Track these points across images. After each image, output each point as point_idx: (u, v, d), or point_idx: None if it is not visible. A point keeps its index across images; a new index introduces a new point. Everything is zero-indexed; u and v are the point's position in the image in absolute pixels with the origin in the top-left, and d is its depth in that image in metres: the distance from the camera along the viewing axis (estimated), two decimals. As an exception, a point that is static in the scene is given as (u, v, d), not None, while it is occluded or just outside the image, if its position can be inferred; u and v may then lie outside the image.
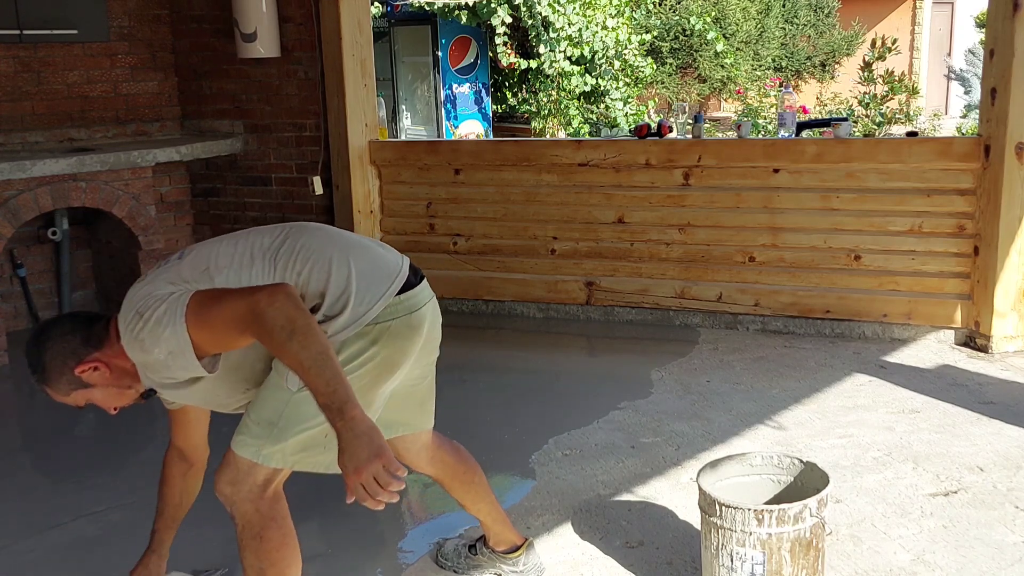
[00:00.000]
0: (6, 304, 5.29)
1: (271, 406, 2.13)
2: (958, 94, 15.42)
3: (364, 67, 5.44)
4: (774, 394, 4.06)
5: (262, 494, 2.16)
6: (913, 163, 4.56)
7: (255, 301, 1.89)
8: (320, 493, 3.34)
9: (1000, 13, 4.27)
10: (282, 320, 1.85)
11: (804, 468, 2.58)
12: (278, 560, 2.18)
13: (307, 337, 1.85)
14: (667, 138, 5.09)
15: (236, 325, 1.93)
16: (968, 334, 4.55)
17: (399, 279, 2.18)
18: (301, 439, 2.13)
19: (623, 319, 5.17)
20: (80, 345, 2.14)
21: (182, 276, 2.10)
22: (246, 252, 2.15)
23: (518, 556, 2.75)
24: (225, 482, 2.17)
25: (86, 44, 5.57)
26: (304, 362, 1.84)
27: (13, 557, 3.02)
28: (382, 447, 1.83)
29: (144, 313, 2.03)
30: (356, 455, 1.81)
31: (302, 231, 2.21)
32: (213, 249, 2.18)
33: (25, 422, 4.44)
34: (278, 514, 2.20)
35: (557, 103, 10.52)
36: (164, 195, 5.93)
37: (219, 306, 1.96)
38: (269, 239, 2.18)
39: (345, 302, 2.09)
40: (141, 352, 2.07)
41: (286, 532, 2.20)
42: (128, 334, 2.07)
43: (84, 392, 2.20)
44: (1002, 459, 3.37)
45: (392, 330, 2.14)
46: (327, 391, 1.84)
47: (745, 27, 13.28)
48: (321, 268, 2.10)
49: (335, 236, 2.24)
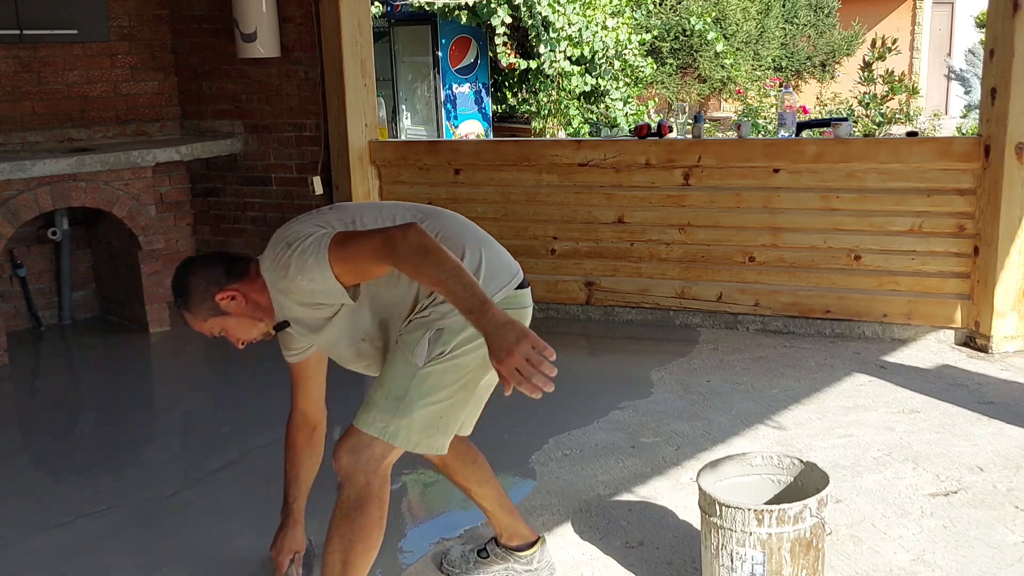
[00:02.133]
0: (6, 304, 5.29)
1: (398, 382, 2.23)
2: (958, 94, 15.41)
3: (364, 67, 5.44)
4: (774, 394, 4.06)
5: (376, 468, 2.24)
6: (913, 163, 4.56)
7: (390, 234, 2.08)
8: (320, 493, 3.34)
9: (1000, 13, 4.27)
10: (415, 246, 2.03)
11: (804, 468, 2.58)
12: (368, 536, 2.25)
13: (439, 255, 2.02)
14: (667, 138, 5.09)
15: (374, 254, 2.11)
16: (968, 334, 4.55)
17: (519, 276, 2.35)
18: (425, 415, 2.23)
19: (623, 319, 5.17)
20: (223, 275, 2.32)
21: (329, 222, 2.26)
22: (388, 217, 2.30)
23: (532, 553, 2.72)
24: (345, 450, 2.25)
25: (86, 44, 5.58)
26: (440, 276, 2.00)
27: (13, 557, 3.02)
28: (525, 330, 1.93)
29: (293, 244, 2.20)
30: (505, 340, 1.91)
31: (439, 215, 2.38)
32: (358, 209, 2.38)
33: (25, 422, 4.44)
34: (384, 495, 2.28)
35: (557, 103, 10.51)
36: (164, 195, 5.93)
37: (357, 241, 2.14)
38: (409, 214, 2.34)
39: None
40: (285, 278, 2.22)
41: (383, 515, 2.27)
42: (275, 262, 2.23)
43: (220, 320, 2.34)
44: (1002, 459, 3.37)
45: None
46: (466, 295, 1.98)
47: (745, 27, 13.27)
48: (455, 251, 2.19)
49: (469, 226, 2.39)
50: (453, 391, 2.26)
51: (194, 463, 3.76)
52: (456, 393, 2.27)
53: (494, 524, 2.75)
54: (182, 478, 3.63)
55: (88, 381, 4.95)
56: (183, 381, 4.93)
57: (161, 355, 5.17)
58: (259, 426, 3.99)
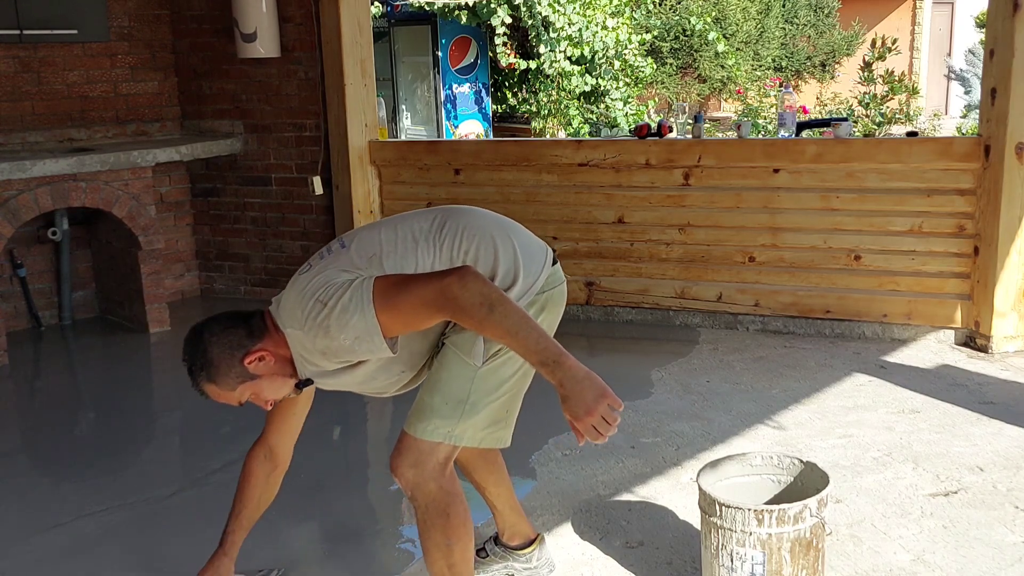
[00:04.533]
0: (6, 304, 5.29)
1: (457, 385, 2.18)
2: (958, 94, 15.41)
3: (364, 67, 5.44)
4: (774, 394, 4.06)
5: (443, 472, 2.21)
6: (913, 163, 4.56)
7: (446, 285, 1.96)
8: (321, 493, 3.34)
9: (1000, 13, 4.27)
10: (478, 298, 1.94)
11: (804, 468, 2.57)
12: (463, 535, 2.24)
13: (506, 307, 1.95)
14: (667, 138, 5.09)
15: (428, 308, 2.00)
16: (968, 334, 4.55)
17: (549, 251, 2.33)
18: (489, 412, 2.22)
19: (623, 319, 5.17)
20: (245, 337, 2.19)
21: (354, 264, 2.14)
22: (407, 236, 2.20)
23: (531, 551, 2.72)
24: (407, 466, 2.19)
25: (86, 44, 5.58)
26: (511, 329, 1.94)
27: (13, 557, 3.02)
28: (603, 387, 1.95)
29: (328, 302, 2.06)
30: (584, 399, 1.93)
31: (459, 213, 2.28)
32: (374, 236, 2.22)
33: (25, 422, 4.44)
34: (458, 491, 2.25)
35: (557, 103, 10.51)
36: (164, 195, 5.93)
37: (407, 291, 2.02)
38: (427, 223, 2.23)
39: (516, 274, 2.18)
40: (325, 338, 2.09)
41: (466, 508, 2.26)
42: (308, 321, 2.09)
43: (250, 385, 2.22)
44: (1002, 459, 3.37)
45: (554, 298, 2.28)
46: (539, 348, 1.94)
47: (745, 27, 13.27)
48: (487, 245, 2.18)
49: (489, 215, 2.32)
50: (513, 383, 2.25)
51: (194, 463, 3.76)
52: (516, 384, 2.26)
53: (498, 523, 2.74)
54: (182, 478, 3.64)
55: (88, 381, 4.95)
56: (183, 381, 4.89)
57: (161, 355, 5.17)
58: (259, 426, 3.98)
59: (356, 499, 3.41)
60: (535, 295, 2.22)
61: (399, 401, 3.48)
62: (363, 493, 3.51)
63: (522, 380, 2.28)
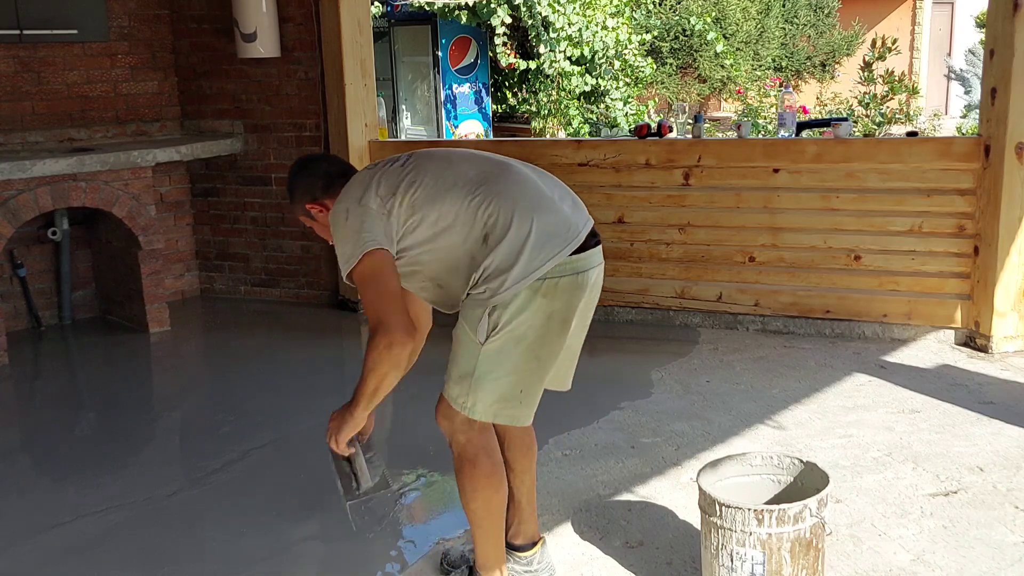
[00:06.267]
0: (6, 304, 5.29)
1: (465, 360, 2.39)
2: (958, 94, 15.41)
3: (364, 67, 5.44)
4: (774, 394, 4.06)
5: (471, 426, 2.43)
6: (913, 163, 4.56)
7: (385, 329, 2.26)
8: (321, 494, 3.34)
9: (1000, 13, 4.27)
10: (378, 362, 2.27)
11: (804, 468, 2.58)
12: (487, 485, 2.46)
13: (376, 381, 2.30)
14: (667, 138, 5.09)
15: (368, 309, 2.33)
16: (968, 334, 4.55)
17: (575, 242, 2.39)
18: (498, 388, 2.38)
19: (623, 319, 5.17)
20: (320, 189, 2.56)
21: (393, 191, 2.39)
22: (450, 179, 2.41)
23: (532, 554, 2.70)
24: (442, 417, 2.47)
25: (86, 44, 5.58)
26: (366, 389, 2.32)
27: (13, 557, 3.02)
28: (340, 427, 2.41)
29: (340, 226, 2.38)
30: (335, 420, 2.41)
31: (506, 173, 2.45)
32: (423, 170, 2.43)
33: (25, 422, 4.44)
34: (488, 444, 2.47)
35: (557, 103, 10.51)
36: (164, 195, 5.93)
37: (373, 288, 2.31)
38: (474, 171, 2.44)
39: (517, 257, 2.31)
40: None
41: (496, 462, 2.48)
42: (333, 210, 2.45)
43: (307, 220, 2.62)
44: (1002, 459, 3.37)
45: (560, 286, 2.36)
46: (359, 397, 2.34)
47: (745, 27, 13.26)
48: (505, 220, 2.33)
49: (528, 190, 2.43)
50: (520, 363, 2.37)
51: (194, 463, 3.76)
52: (525, 364, 2.38)
53: (509, 515, 2.68)
54: (182, 478, 3.64)
55: (88, 381, 4.95)
56: (183, 381, 4.93)
57: (161, 355, 5.17)
58: (259, 426, 4.00)
59: (356, 499, 3.41)
60: (536, 280, 2.31)
61: (399, 402, 3.49)
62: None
63: (532, 364, 2.39)
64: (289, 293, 5.95)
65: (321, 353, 5.03)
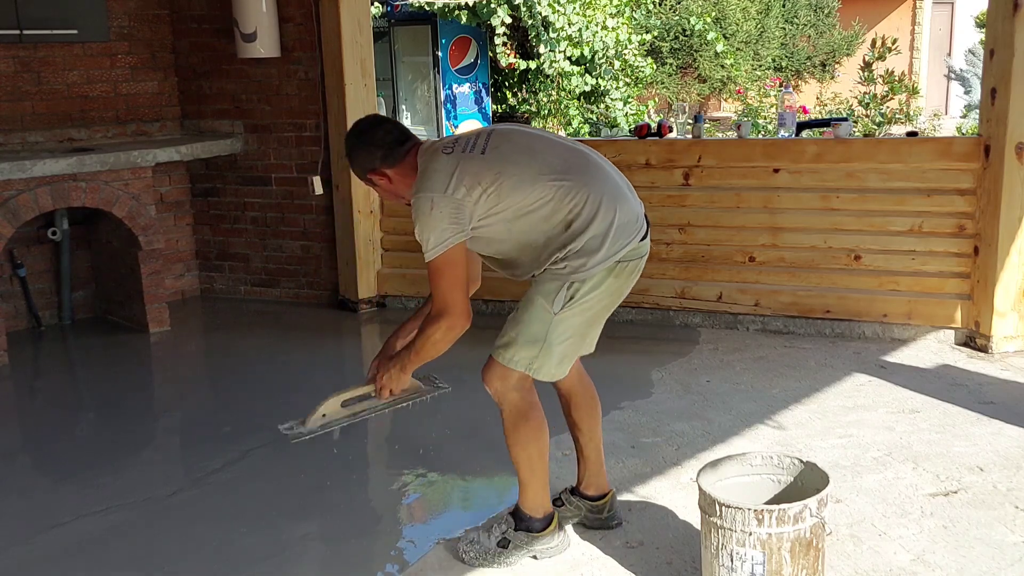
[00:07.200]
0: (6, 304, 5.29)
1: (537, 326, 2.63)
2: (958, 94, 15.41)
3: (364, 67, 5.44)
4: (774, 394, 4.06)
5: (523, 384, 2.69)
6: (913, 163, 4.56)
7: (450, 313, 2.53)
8: (321, 493, 3.34)
9: (1000, 13, 4.27)
10: (436, 338, 2.55)
11: (804, 468, 2.58)
12: (538, 437, 2.73)
13: (430, 353, 2.60)
14: (667, 138, 5.09)
15: (435, 287, 2.55)
16: (968, 334, 4.55)
17: (642, 228, 2.68)
18: (561, 350, 2.66)
19: (623, 319, 5.17)
20: (380, 159, 2.66)
21: (479, 180, 2.53)
22: (533, 169, 2.57)
23: (604, 503, 2.96)
24: (496, 379, 2.67)
25: (86, 44, 5.57)
26: (421, 357, 2.61)
27: (13, 557, 3.02)
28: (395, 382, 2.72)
29: (424, 214, 2.51)
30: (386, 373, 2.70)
31: (586, 165, 2.65)
32: (507, 161, 2.58)
33: (25, 422, 4.44)
34: (536, 401, 2.73)
35: (557, 103, 10.52)
36: (164, 195, 5.93)
37: (447, 278, 2.52)
38: (558, 161, 2.62)
39: (602, 241, 2.57)
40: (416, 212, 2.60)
41: (543, 417, 2.74)
42: (415, 188, 2.58)
43: (368, 185, 2.75)
44: (1002, 459, 3.37)
45: (629, 268, 2.66)
46: (408, 356, 2.65)
47: (745, 27, 13.27)
48: (591, 208, 2.57)
49: (610, 182, 2.66)
50: (582, 329, 2.68)
51: (194, 463, 3.76)
52: (584, 330, 2.70)
53: (580, 470, 2.99)
54: (182, 478, 3.64)
55: (88, 381, 4.95)
56: (183, 381, 4.93)
57: (161, 355, 5.17)
58: (259, 426, 3.99)
59: (356, 499, 3.41)
60: (614, 263, 2.59)
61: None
62: (363, 493, 3.51)
63: (589, 328, 2.72)
64: (289, 293, 5.95)
65: (321, 353, 5.03)
